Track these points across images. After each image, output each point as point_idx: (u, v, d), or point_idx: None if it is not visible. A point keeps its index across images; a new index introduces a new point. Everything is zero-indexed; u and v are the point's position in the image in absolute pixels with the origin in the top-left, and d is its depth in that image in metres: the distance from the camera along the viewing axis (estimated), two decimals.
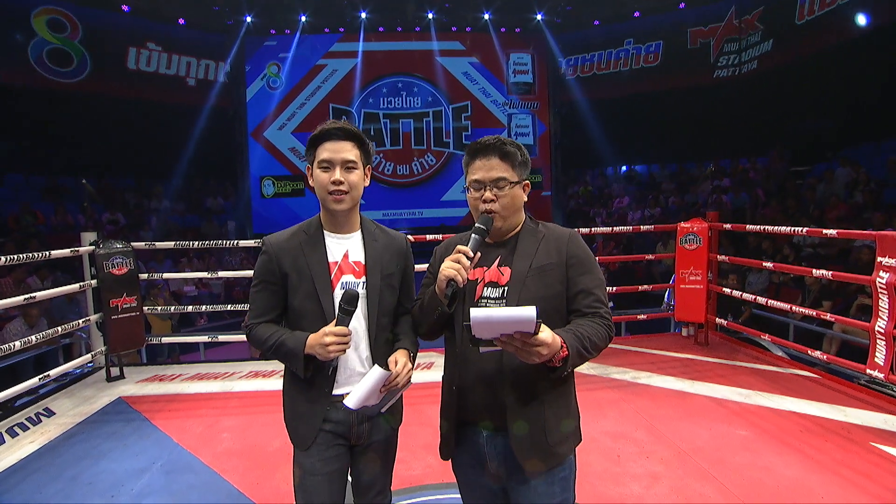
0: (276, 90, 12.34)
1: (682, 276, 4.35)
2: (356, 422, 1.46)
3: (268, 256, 1.47)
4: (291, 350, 1.39)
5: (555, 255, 1.36)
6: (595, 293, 1.34)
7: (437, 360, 3.94)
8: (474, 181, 1.38)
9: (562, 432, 1.34)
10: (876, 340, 2.98)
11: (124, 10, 10.66)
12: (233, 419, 3.15)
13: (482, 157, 1.37)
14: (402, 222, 12.38)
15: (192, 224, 11.19)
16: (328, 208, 1.45)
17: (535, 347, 1.12)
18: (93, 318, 3.81)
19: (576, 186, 13.35)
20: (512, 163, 1.37)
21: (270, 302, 1.48)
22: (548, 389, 1.31)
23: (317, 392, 1.44)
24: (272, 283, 1.47)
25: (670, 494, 2.28)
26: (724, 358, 3.99)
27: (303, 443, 1.45)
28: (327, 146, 1.42)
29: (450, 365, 1.43)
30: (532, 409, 1.31)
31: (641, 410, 3.12)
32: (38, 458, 2.72)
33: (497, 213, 1.36)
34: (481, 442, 1.37)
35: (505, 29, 12.65)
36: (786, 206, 8.55)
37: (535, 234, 1.40)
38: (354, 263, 1.48)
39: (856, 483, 2.31)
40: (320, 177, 1.42)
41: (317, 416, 1.44)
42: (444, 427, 1.43)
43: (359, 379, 1.45)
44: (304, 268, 1.44)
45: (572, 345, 1.19)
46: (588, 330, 1.26)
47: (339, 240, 1.49)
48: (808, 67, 9.43)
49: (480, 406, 1.34)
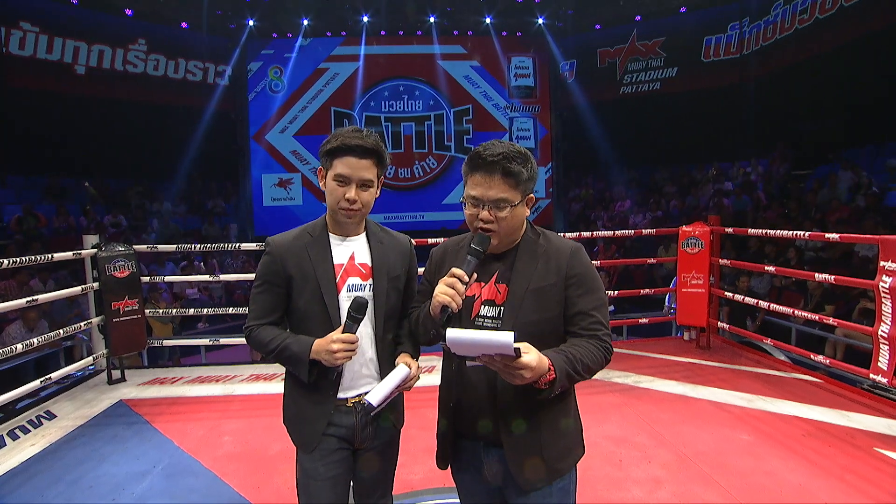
0: (278, 93, 12.38)
1: (684, 279, 4.35)
2: (360, 426, 1.46)
3: (271, 257, 1.45)
4: (296, 354, 1.38)
5: (553, 275, 1.28)
6: (594, 315, 1.27)
7: (438, 364, 3.93)
8: (472, 197, 1.27)
9: (559, 447, 1.31)
10: (879, 345, 2.97)
11: (127, 14, 10.73)
12: (234, 422, 3.15)
13: (483, 172, 1.25)
14: (403, 225, 12.37)
15: (194, 226, 11.22)
16: (337, 219, 1.45)
17: (517, 370, 1.08)
18: (94, 321, 3.82)
19: (577, 190, 13.35)
20: (516, 181, 1.25)
21: (273, 304, 1.46)
22: (544, 404, 1.26)
23: (322, 395, 1.43)
24: (276, 285, 1.45)
25: (672, 499, 2.27)
26: (727, 362, 3.98)
27: (307, 445, 1.44)
28: (347, 161, 1.38)
29: (446, 376, 1.40)
30: (525, 423, 1.27)
31: (643, 414, 3.11)
32: (39, 461, 2.71)
33: (495, 233, 1.28)
34: (479, 454, 1.35)
35: (506, 32, 12.69)
36: (787, 210, 8.54)
37: (535, 248, 1.32)
38: (361, 266, 1.48)
39: (859, 488, 2.29)
40: (335, 190, 1.39)
41: (322, 419, 1.43)
42: (440, 438, 1.42)
43: (364, 381, 1.47)
44: (309, 270, 1.43)
45: (561, 367, 1.15)
46: (581, 351, 1.21)
47: (345, 242, 1.48)
48: (810, 70, 9.44)
49: (476, 419, 1.32)
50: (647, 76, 12.45)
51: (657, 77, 12.36)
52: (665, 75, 12.27)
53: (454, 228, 12.42)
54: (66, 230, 9.14)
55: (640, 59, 12.42)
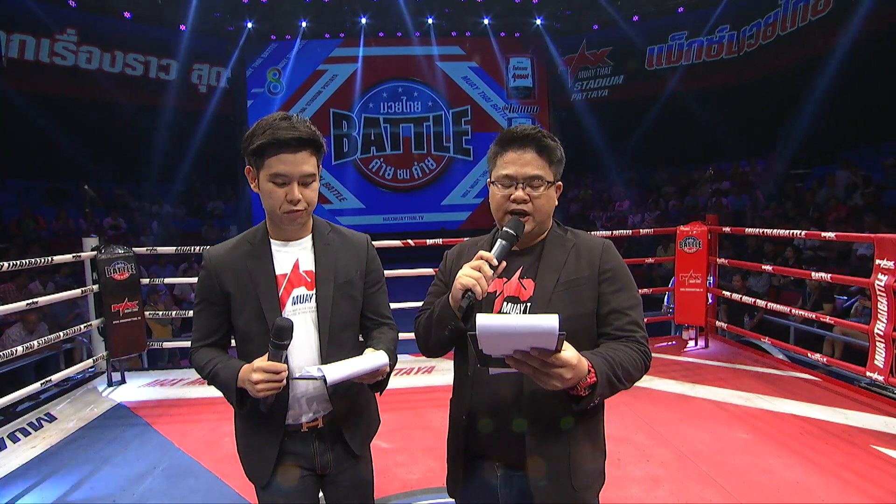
0: (277, 95, 12.42)
1: (682, 279, 4.36)
2: (318, 451, 1.30)
3: (206, 272, 1.29)
4: (224, 382, 1.22)
5: (586, 269, 1.16)
6: (630, 314, 1.14)
7: (437, 364, 3.94)
8: (504, 176, 1.16)
9: (590, 474, 1.16)
10: (875, 343, 2.98)
11: (126, 17, 10.74)
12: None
13: (516, 148, 1.16)
14: (402, 227, 12.41)
15: (193, 228, 11.24)
16: (280, 224, 1.26)
17: (556, 369, 0.91)
18: (94, 323, 3.82)
19: (576, 190, 13.38)
20: (550, 159, 1.17)
21: (213, 324, 1.31)
22: (575, 422, 1.12)
23: (269, 420, 1.25)
24: (213, 303, 1.29)
25: (670, 498, 2.28)
26: (725, 361, 3.99)
27: (260, 479, 1.29)
28: (282, 158, 1.17)
29: (459, 389, 1.24)
30: (556, 445, 1.11)
31: (641, 413, 3.12)
32: (40, 463, 2.72)
33: (530, 215, 1.16)
34: (494, 482, 1.18)
35: (504, 33, 12.74)
36: (786, 209, 8.56)
37: (564, 242, 1.21)
38: (305, 273, 1.29)
39: (856, 486, 2.31)
40: (273, 192, 1.19)
41: (271, 448, 1.26)
42: (451, 460, 1.25)
43: (317, 402, 1.28)
44: (247, 285, 1.25)
45: (602, 370, 0.99)
46: (621, 356, 1.06)
47: (288, 248, 1.30)
48: (808, 70, 9.48)
49: (493, 437, 1.16)
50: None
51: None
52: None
53: (453, 229, 12.44)
54: (66, 233, 9.16)
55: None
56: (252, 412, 1.25)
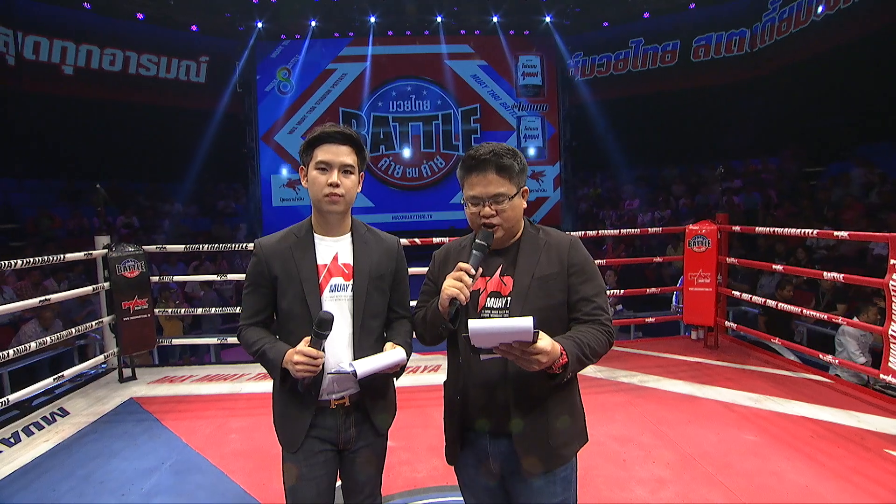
0: (287, 94, 12.49)
1: (691, 278, 4.31)
2: (343, 427, 1.47)
3: (258, 259, 1.48)
4: (271, 361, 1.41)
5: (556, 265, 1.36)
6: (595, 301, 1.35)
7: (443, 363, 3.92)
8: (472, 197, 1.36)
9: (565, 434, 1.36)
10: (890, 344, 2.92)
11: (138, 18, 10.88)
12: (241, 420, 3.19)
13: (477, 172, 1.34)
14: (411, 225, 12.42)
15: (204, 227, 11.36)
16: (322, 210, 1.46)
17: (534, 356, 1.14)
18: (105, 320, 3.89)
19: (586, 188, 13.29)
20: (509, 175, 1.34)
21: (260, 304, 1.50)
22: (551, 392, 1.32)
23: (304, 396, 1.44)
24: (262, 286, 1.49)
25: (676, 499, 2.26)
26: (734, 361, 3.94)
27: (291, 445, 1.46)
28: (326, 148, 1.42)
29: (453, 372, 1.45)
30: (535, 411, 1.33)
31: (648, 414, 3.10)
32: (52, 457, 2.78)
33: (498, 226, 1.35)
34: (484, 444, 1.39)
35: (513, 31, 12.66)
36: (800, 208, 8.41)
37: (536, 241, 1.40)
38: (344, 266, 1.48)
39: (868, 490, 2.26)
40: (317, 178, 1.42)
41: (304, 420, 1.45)
42: (448, 433, 1.46)
43: (346, 383, 1.46)
44: (293, 270, 1.44)
45: (572, 352, 1.22)
46: (588, 336, 1.28)
47: (329, 242, 1.49)
48: (823, 65, 9.30)
49: (483, 410, 1.36)
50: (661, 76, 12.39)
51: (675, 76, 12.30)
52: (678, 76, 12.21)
53: (463, 227, 12.39)
54: (80, 231, 9.31)
55: None
56: (291, 389, 1.43)
